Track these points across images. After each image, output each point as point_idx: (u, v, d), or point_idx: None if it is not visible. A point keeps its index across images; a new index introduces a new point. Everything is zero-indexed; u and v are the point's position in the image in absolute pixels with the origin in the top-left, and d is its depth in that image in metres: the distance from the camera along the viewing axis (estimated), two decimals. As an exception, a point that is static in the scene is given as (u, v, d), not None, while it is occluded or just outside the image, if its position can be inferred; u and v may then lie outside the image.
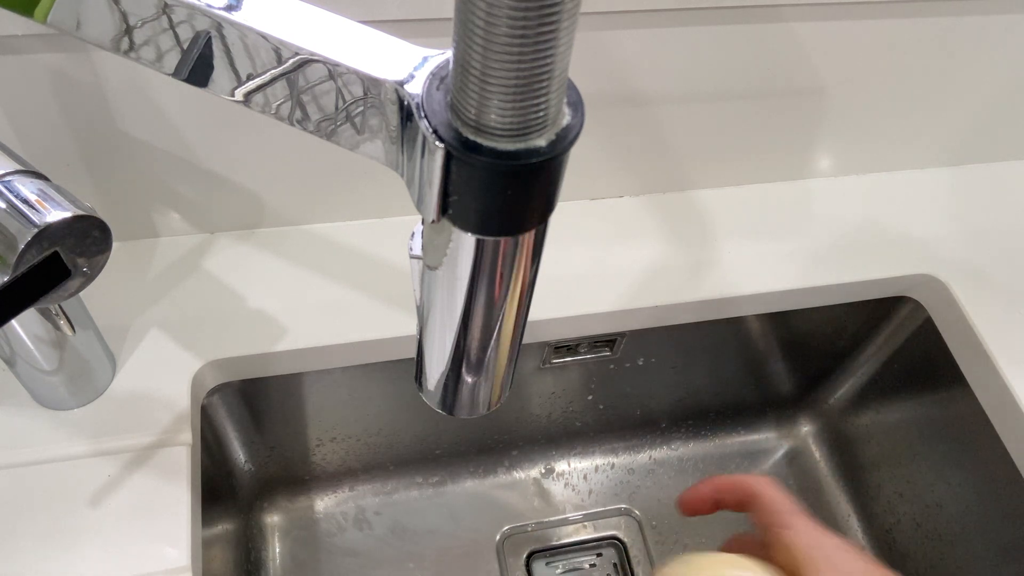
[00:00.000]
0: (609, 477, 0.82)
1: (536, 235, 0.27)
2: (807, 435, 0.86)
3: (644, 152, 0.66)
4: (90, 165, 0.56)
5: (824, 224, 0.70)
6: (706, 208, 0.70)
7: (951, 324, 0.67)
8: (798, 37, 0.59)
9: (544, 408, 0.77)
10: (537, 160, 0.23)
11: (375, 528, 0.76)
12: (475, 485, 0.80)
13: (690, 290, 0.64)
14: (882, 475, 0.79)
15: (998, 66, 0.66)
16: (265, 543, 0.74)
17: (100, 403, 0.54)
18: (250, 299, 0.60)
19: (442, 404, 0.36)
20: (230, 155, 0.58)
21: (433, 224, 0.26)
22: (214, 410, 0.62)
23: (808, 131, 0.68)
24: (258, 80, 0.27)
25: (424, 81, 0.24)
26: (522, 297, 0.29)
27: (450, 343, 0.31)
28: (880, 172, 0.74)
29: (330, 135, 0.27)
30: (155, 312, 0.58)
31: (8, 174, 0.36)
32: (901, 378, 0.76)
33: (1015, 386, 0.62)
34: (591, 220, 0.68)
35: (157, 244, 0.62)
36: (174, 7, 0.26)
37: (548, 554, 0.77)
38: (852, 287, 0.67)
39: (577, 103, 0.24)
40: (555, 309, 0.62)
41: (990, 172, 0.76)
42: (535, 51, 0.20)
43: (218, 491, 0.64)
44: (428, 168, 0.24)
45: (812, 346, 0.77)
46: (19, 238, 0.34)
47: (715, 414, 0.83)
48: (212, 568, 0.58)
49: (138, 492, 0.50)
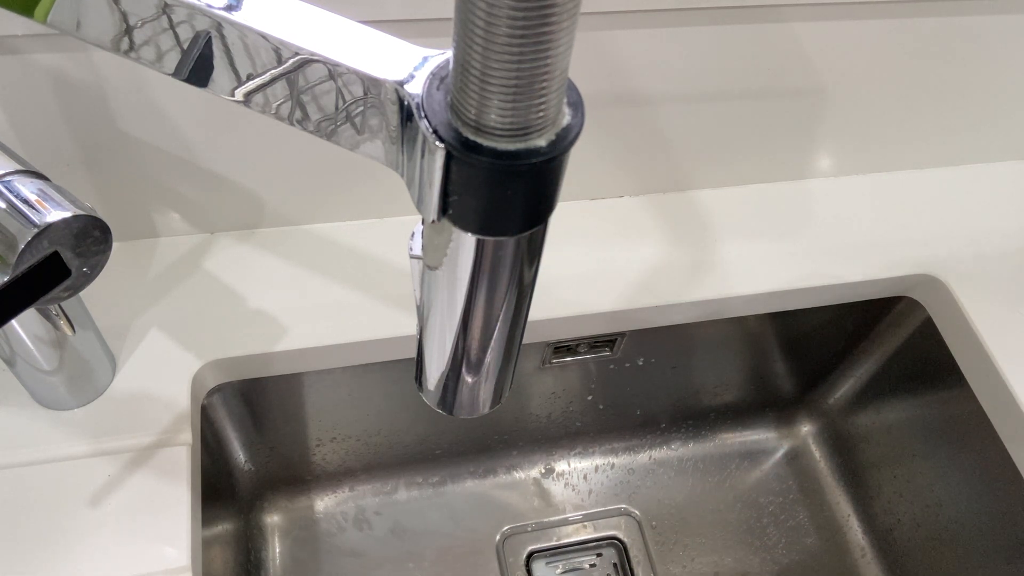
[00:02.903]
0: (609, 477, 0.82)
1: (536, 235, 0.27)
2: (807, 435, 0.86)
3: (644, 152, 0.66)
4: (90, 165, 0.56)
5: (824, 224, 0.70)
6: (706, 208, 0.70)
7: (951, 324, 0.67)
8: (798, 37, 0.59)
9: (544, 408, 0.77)
10: (537, 160, 0.23)
11: (375, 528, 0.76)
12: (475, 485, 0.80)
13: (690, 290, 0.64)
14: (882, 475, 0.79)
15: (998, 66, 0.66)
16: (265, 543, 0.74)
17: (100, 403, 0.54)
18: (250, 299, 0.60)
19: (442, 404, 0.36)
20: (230, 155, 0.58)
21: (433, 224, 0.26)
22: (214, 410, 0.62)
23: (808, 131, 0.68)
24: (258, 80, 0.27)
25: (424, 81, 0.24)
26: (522, 297, 0.29)
27: (450, 343, 0.31)
28: (880, 172, 0.74)
29: (330, 135, 0.27)
30: (155, 312, 0.58)
31: (8, 174, 0.36)
32: (901, 378, 0.76)
33: (1015, 386, 0.62)
34: (591, 220, 0.68)
35: (157, 244, 0.62)
36: (174, 7, 0.26)
37: (548, 554, 0.77)
38: (852, 287, 0.67)
39: (577, 103, 0.24)
40: (555, 309, 0.62)
41: (990, 172, 0.76)
42: (535, 51, 0.20)
43: (218, 491, 0.64)
44: (428, 168, 0.24)
45: (812, 346, 0.77)
46: (19, 238, 0.34)
47: (715, 414, 0.83)
48: (212, 568, 0.58)
49: (138, 492, 0.50)
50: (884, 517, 0.79)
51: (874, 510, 0.80)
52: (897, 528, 0.77)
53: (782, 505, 0.82)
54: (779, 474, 0.84)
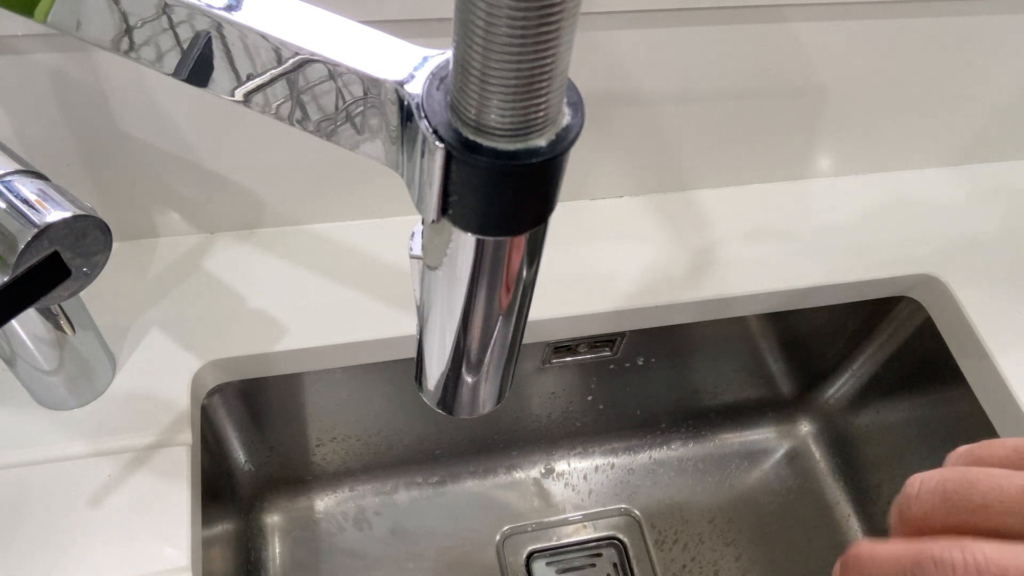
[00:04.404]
0: (609, 477, 0.82)
1: (536, 235, 0.27)
2: (807, 435, 0.86)
3: (644, 152, 0.66)
4: (90, 165, 0.56)
5: (824, 224, 0.70)
6: (706, 208, 0.70)
7: (951, 324, 0.67)
8: (798, 37, 0.59)
9: (544, 408, 0.77)
10: (537, 160, 0.23)
11: (375, 528, 0.76)
12: (475, 485, 0.80)
13: (690, 290, 0.64)
14: (882, 475, 0.79)
15: (998, 66, 0.66)
16: (265, 543, 0.74)
17: (100, 403, 0.54)
18: (250, 299, 0.60)
19: (442, 404, 0.36)
20: (230, 155, 0.58)
21: (433, 224, 0.26)
22: (214, 410, 0.62)
23: (808, 131, 0.68)
24: (258, 80, 0.27)
25: (424, 81, 0.24)
26: (522, 297, 0.29)
27: (450, 343, 0.31)
28: (880, 172, 0.74)
29: (330, 135, 0.27)
30: (155, 312, 0.58)
31: (8, 174, 0.36)
32: (901, 378, 0.76)
33: (1015, 386, 0.62)
34: (591, 220, 0.68)
35: (157, 244, 0.62)
36: (174, 7, 0.26)
37: (548, 554, 0.77)
38: (852, 287, 0.67)
39: (577, 103, 0.24)
40: (555, 309, 0.62)
41: (990, 172, 0.76)
42: (535, 51, 0.20)
43: (218, 491, 0.64)
44: (428, 168, 0.24)
45: (812, 346, 0.77)
46: (19, 238, 0.34)
47: (715, 414, 0.83)
48: (212, 568, 0.58)
49: (138, 492, 0.50)
50: (884, 517, 0.79)
51: (874, 510, 0.80)
52: (897, 528, 0.77)
53: (782, 505, 0.82)
54: (779, 474, 0.84)
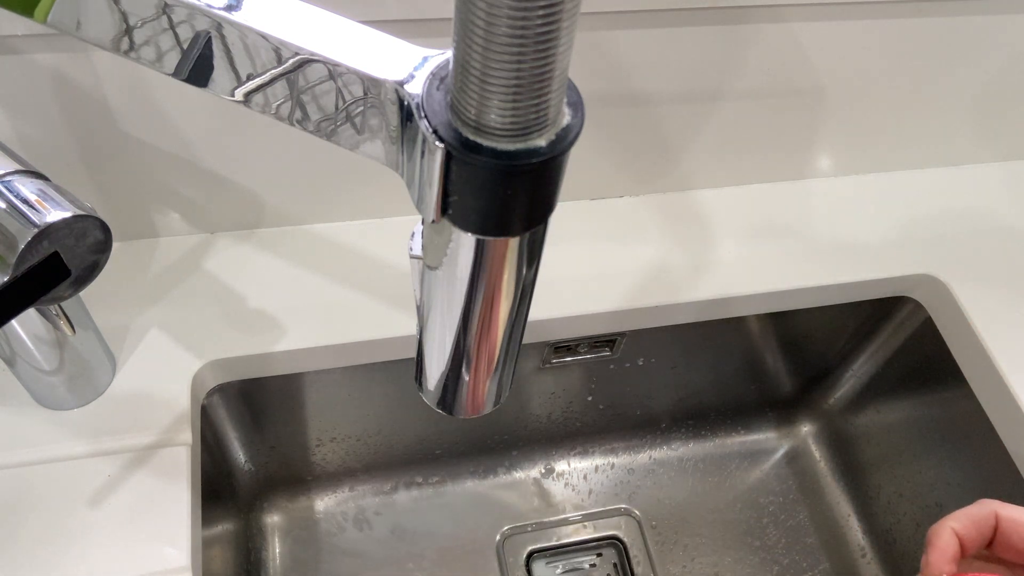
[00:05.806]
0: (609, 477, 0.82)
1: (536, 235, 0.27)
2: (807, 435, 0.86)
3: (644, 152, 0.66)
4: (90, 165, 0.56)
5: (824, 224, 0.70)
6: (706, 208, 0.70)
7: (951, 324, 0.67)
8: (798, 37, 0.59)
9: (544, 408, 0.77)
10: (537, 160, 0.23)
11: (375, 528, 0.76)
12: (475, 485, 0.80)
13: (690, 290, 0.64)
14: (882, 475, 0.79)
15: (997, 66, 0.66)
16: (265, 543, 0.74)
17: (100, 403, 0.54)
18: (250, 299, 0.60)
19: (442, 404, 0.36)
20: (230, 155, 0.58)
21: (433, 224, 0.26)
22: (214, 410, 0.62)
23: (808, 131, 0.68)
24: (258, 80, 0.27)
25: (424, 81, 0.24)
26: (522, 297, 0.29)
27: (450, 343, 0.31)
28: (880, 172, 0.74)
29: (330, 135, 0.27)
30: (155, 312, 0.58)
31: (8, 174, 0.36)
32: (901, 378, 0.76)
33: (1015, 386, 0.62)
34: (591, 220, 0.68)
35: (157, 244, 0.62)
36: (174, 7, 0.26)
37: (548, 554, 0.77)
38: (852, 287, 0.67)
39: (577, 103, 0.24)
40: (555, 309, 0.62)
41: (989, 172, 0.76)
42: (535, 51, 0.20)
43: (218, 491, 0.64)
44: (428, 168, 0.24)
45: (812, 346, 0.77)
46: (19, 238, 0.34)
47: (715, 414, 0.83)
48: (212, 568, 0.58)
49: (138, 492, 0.50)
50: (884, 517, 0.79)
51: (874, 510, 0.80)
52: (897, 528, 0.77)
53: (782, 505, 0.82)
54: (779, 474, 0.84)
